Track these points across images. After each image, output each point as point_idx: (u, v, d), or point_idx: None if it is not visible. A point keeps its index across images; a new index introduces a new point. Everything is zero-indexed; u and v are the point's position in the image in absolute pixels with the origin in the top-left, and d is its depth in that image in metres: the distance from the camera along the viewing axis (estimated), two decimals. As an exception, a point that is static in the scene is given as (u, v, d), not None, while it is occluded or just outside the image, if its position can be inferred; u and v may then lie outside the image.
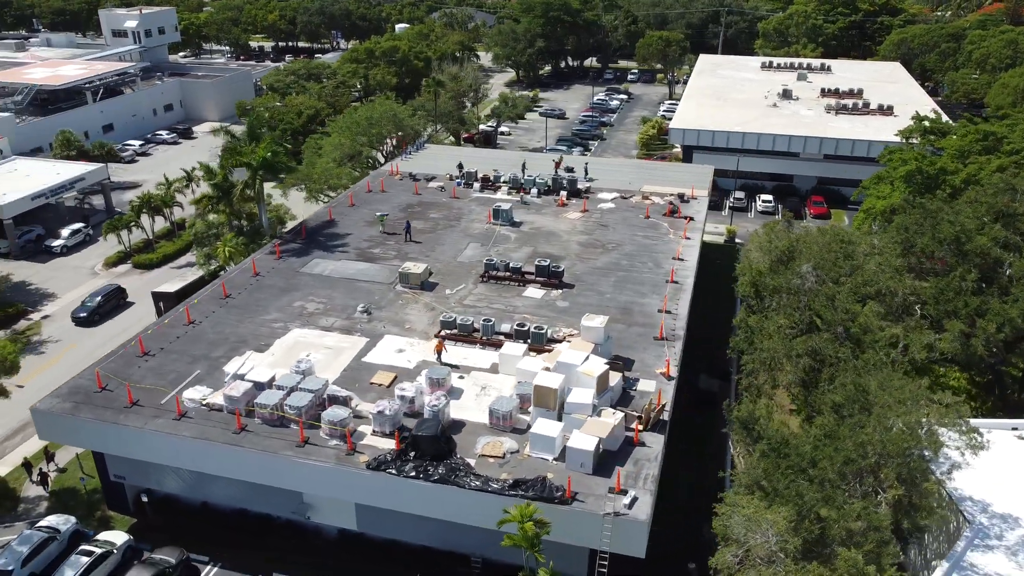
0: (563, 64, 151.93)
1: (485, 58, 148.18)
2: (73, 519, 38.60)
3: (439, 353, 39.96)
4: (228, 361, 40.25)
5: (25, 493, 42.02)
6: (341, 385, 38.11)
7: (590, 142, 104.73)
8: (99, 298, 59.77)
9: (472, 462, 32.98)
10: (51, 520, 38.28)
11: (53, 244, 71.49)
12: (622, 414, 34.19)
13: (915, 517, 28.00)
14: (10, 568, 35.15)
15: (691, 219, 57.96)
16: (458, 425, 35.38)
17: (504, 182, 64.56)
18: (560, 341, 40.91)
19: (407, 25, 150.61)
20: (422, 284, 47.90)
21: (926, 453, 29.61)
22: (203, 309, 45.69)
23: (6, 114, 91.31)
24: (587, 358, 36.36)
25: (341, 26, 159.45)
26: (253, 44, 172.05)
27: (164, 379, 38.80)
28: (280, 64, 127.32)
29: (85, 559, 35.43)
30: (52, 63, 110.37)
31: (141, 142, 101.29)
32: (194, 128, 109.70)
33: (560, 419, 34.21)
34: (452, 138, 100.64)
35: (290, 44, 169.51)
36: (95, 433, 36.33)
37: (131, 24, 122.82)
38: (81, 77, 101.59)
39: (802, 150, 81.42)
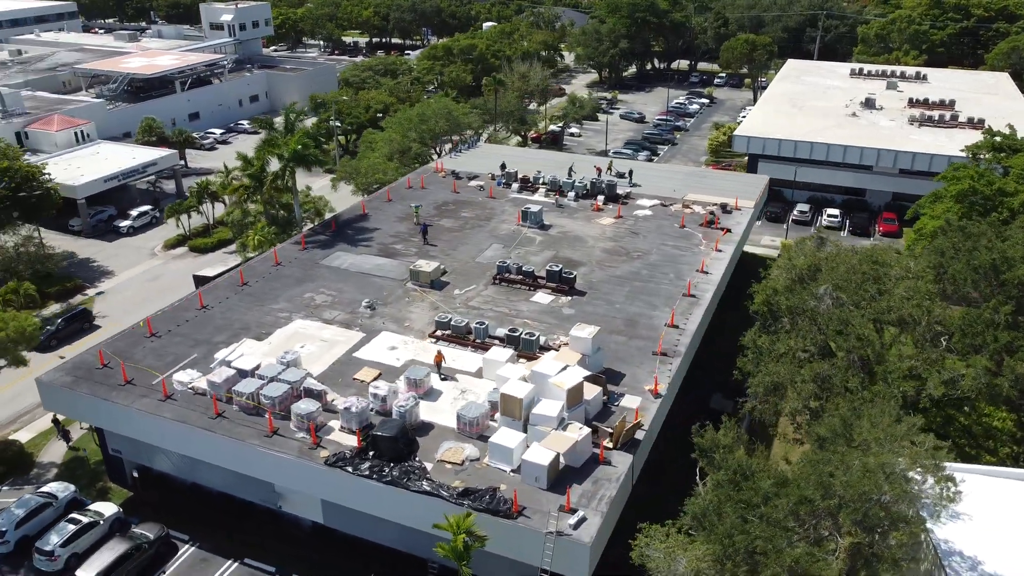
0: (649, 66, 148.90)
1: (569, 58, 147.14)
2: (72, 487, 40.47)
3: (438, 365, 38.73)
4: (226, 347, 41.31)
5: (40, 459, 44.42)
6: (326, 379, 38.44)
7: (660, 146, 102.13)
8: (60, 321, 55.74)
9: (430, 466, 32.54)
10: (52, 487, 40.24)
11: (121, 225, 75.47)
12: (588, 430, 32.93)
13: (876, 568, 25.63)
14: (4, 529, 37.17)
15: (728, 231, 55.46)
16: (427, 428, 34.99)
17: (543, 184, 63.66)
18: (553, 349, 39.88)
19: (494, 23, 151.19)
20: (432, 283, 47.74)
21: (921, 498, 27.16)
22: (218, 295, 47.08)
23: (98, 100, 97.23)
24: (564, 369, 35.21)
25: (432, 23, 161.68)
26: (348, 39, 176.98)
27: (163, 360, 40.17)
28: (358, 59, 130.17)
29: (72, 527, 37.06)
30: (151, 53, 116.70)
31: (222, 131, 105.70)
32: (275, 119, 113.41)
33: (526, 430, 33.30)
34: (519, 138, 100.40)
35: (383, 40, 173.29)
36: (90, 407, 37.99)
37: (227, 18, 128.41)
38: (172, 67, 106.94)
39: (875, 163, 76.59)
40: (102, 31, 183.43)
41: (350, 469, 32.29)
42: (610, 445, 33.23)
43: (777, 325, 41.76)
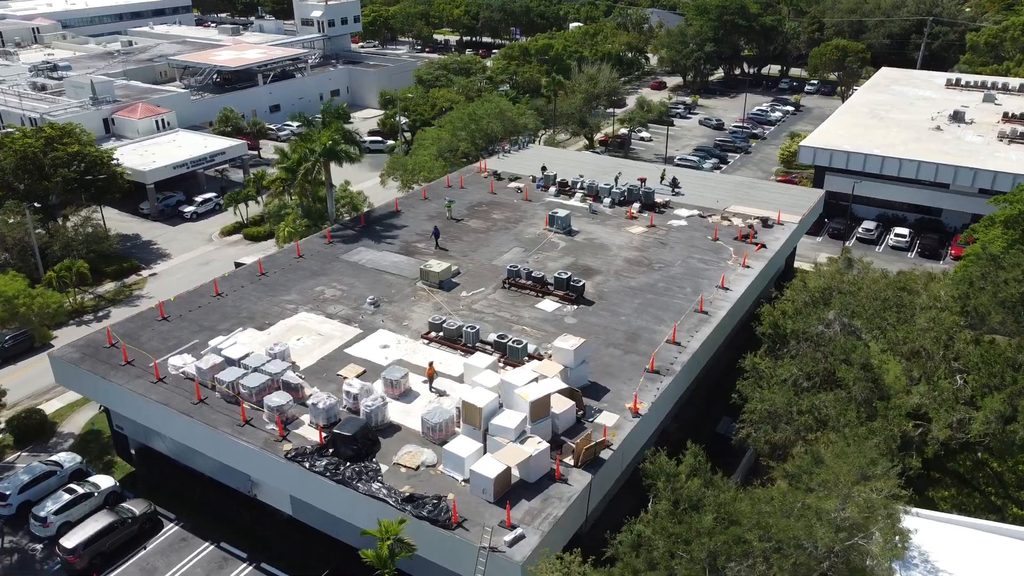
0: (738, 71, 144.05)
1: (654, 61, 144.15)
2: (79, 458, 42.60)
3: (430, 379, 37.76)
4: (227, 334, 42.44)
5: (61, 429, 46.94)
6: (313, 373, 38.90)
7: (731, 154, 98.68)
8: (8, 339, 52.84)
9: (386, 468, 32.36)
10: (60, 456, 42.50)
11: (185, 210, 79.03)
12: (546, 445, 31.93)
13: (811, 622, 23.70)
14: (7, 492, 39.48)
15: (763, 246, 52.81)
16: (394, 429, 34.83)
17: (580, 188, 62.47)
18: (542, 358, 38.96)
19: (580, 24, 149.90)
20: (441, 283, 47.58)
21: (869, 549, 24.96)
22: (234, 283, 48.45)
23: (183, 90, 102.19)
24: (535, 380, 34.27)
25: (520, 23, 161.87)
26: (440, 38, 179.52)
27: (166, 343, 41.65)
28: (434, 56, 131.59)
29: (67, 496, 39.01)
30: (241, 47, 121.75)
31: (298, 123, 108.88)
32: (352, 114, 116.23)
33: (486, 439, 32.63)
34: (585, 141, 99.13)
35: (474, 39, 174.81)
36: (91, 384, 39.80)
37: (316, 14, 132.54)
38: (256, 61, 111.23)
39: (952, 181, 71.33)
40: (213, 25, 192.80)
41: (307, 464, 32.51)
42: (571, 462, 32.14)
43: (784, 350, 39.44)
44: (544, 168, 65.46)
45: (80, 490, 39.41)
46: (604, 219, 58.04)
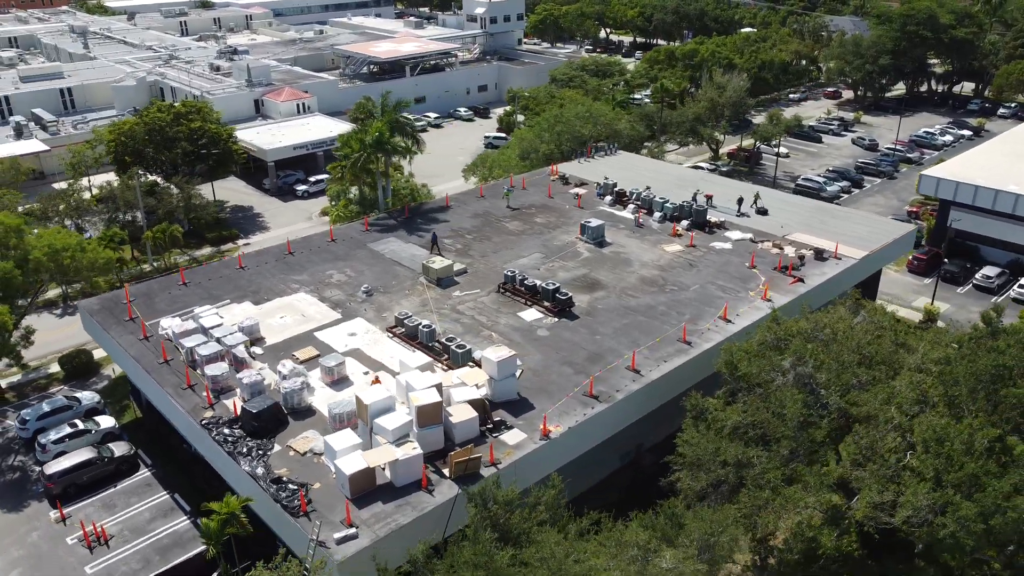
0: (923, 87, 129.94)
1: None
2: (97, 398, 47.88)
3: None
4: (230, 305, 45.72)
5: (104, 371, 52.79)
6: (274, 351, 40.98)
7: (871, 179, 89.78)
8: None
9: (277, 448, 33.62)
10: (83, 394, 47.98)
11: (299, 188, 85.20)
12: (419, 452, 31.56)
13: None
14: (27, 418, 45.32)
15: (800, 280, 48.08)
16: (309, 413, 35.98)
17: (634, 200, 60.02)
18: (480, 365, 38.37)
19: (752, 29, 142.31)
20: (439, 280, 48.04)
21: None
22: (259, 259, 51.90)
23: (332, 78, 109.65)
24: (434, 386, 33.89)
25: (694, 26, 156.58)
26: (616, 38, 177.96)
27: (172, 307, 45.61)
28: (603, 57, 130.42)
29: (69, 429, 44.08)
30: (402, 39, 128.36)
31: (436, 115, 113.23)
32: (491, 109, 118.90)
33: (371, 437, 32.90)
34: (711, 151, 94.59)
35: (647, 41, 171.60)
36: (98, 334, 44.62)
37: (479, 11, 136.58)
38: (407, 53, 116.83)
39: (1100, 231, 60.49)
40: (412, 18, 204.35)
41: (212, 433, 34.53)
42: (448, 473, 31.61)
43: (740, 393, 35.91)
44: (607, 177, 63.57)
45: (80, 426, 44.36)
46: (645, 234, 55.46)
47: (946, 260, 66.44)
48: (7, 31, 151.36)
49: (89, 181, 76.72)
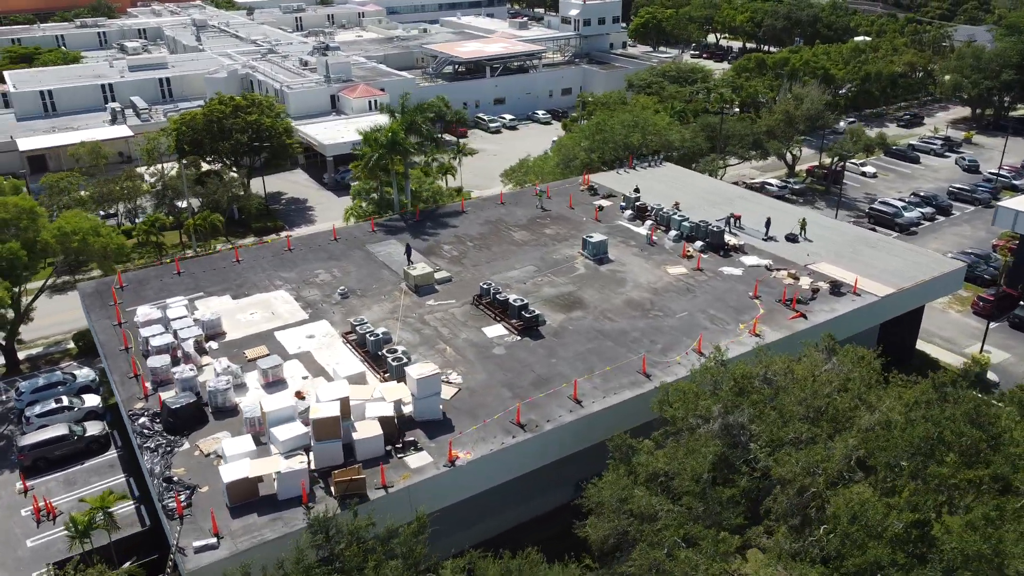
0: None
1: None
2: (93, 375, 49.97)
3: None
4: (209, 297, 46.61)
5: (113, 350, 55.15)
6: (229, 347, 41.35)
7: (962, 205, 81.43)
8: None
9: (185, 447, 33.70)
10: (81, 371, 50.19)
11: (353, 183, 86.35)
12: (304, 467, 30.69)
13: None
14: (23, 390, 47.87)
15: (802, 315, 43.82)
16: (232, 413, 35.89)
17: (653, 217, 56.75)
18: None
19: (865, 38, 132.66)
20: (417, 287, 47.07)
21: None
22: (257, 254, 52.66)
23: (410, 76, 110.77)
24: (340, 399, 32.88)
25: (805, 32, 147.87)
26: (725, 44, 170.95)
27: (159, 294, 46.98)
28: (708, 63, 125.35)
29: (53, 404, 46.19)
30: (492, 40, 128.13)
31: (511, 117, 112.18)
32: (571, 112, 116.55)
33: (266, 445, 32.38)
34: (787, 168, 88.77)
35: (758, 47, 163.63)
36: (87, 315, 46.50)
37: (573, 13, 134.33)
38: (490, 54, 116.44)
39: None
40: (518, 18, 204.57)
41: (133, 424, 35.05)
42: (333, 492, 30.60)
43: (665, 437, 32.89)
44: (637, 189, 60.50)
45: (65, 402, 46.40)
46: (655, 252, 52.28)
47: (1022, 303, 59.07)
48: (139, 23, 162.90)
49: (162, 168, 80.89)
